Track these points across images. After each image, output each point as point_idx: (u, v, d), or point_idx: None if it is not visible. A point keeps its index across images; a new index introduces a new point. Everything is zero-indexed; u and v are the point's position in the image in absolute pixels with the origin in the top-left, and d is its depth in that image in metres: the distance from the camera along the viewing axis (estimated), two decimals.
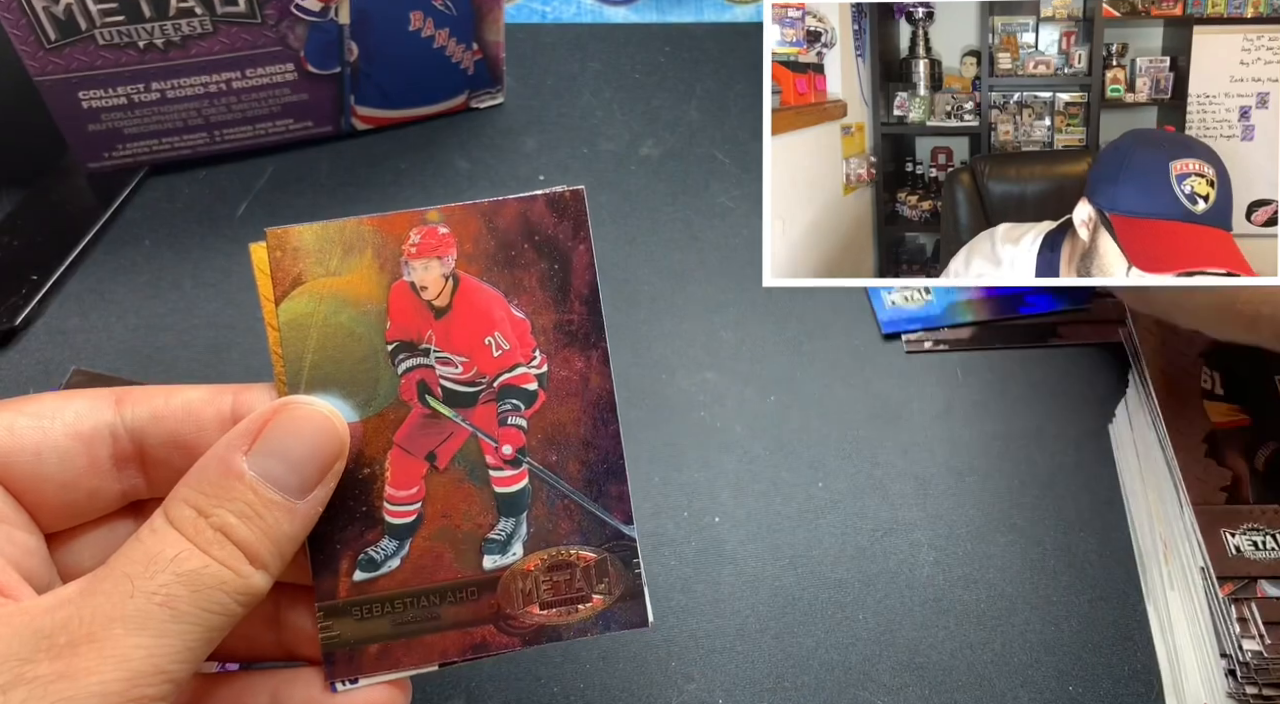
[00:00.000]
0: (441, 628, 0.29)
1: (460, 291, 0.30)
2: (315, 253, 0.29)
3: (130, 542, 0.26)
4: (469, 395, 0.30)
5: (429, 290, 0.30)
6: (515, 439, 0.30)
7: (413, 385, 0.30)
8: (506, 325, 0.30)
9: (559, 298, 0.30)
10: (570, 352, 0.30)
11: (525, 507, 0.30)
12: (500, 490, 0.30)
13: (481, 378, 0.30)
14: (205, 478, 0.26)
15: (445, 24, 0.53)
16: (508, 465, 0.30)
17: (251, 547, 0.26)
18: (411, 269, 0.30)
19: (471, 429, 0.30)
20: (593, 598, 0.30)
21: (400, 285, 0.30)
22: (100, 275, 0.50)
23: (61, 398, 0.28)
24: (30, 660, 0.23)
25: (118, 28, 0.46)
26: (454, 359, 0.30)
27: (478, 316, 0.30)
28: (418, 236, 0.30)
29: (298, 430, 0.27)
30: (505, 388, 0.30)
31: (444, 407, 0.30)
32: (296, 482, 0.27)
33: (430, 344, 0.30)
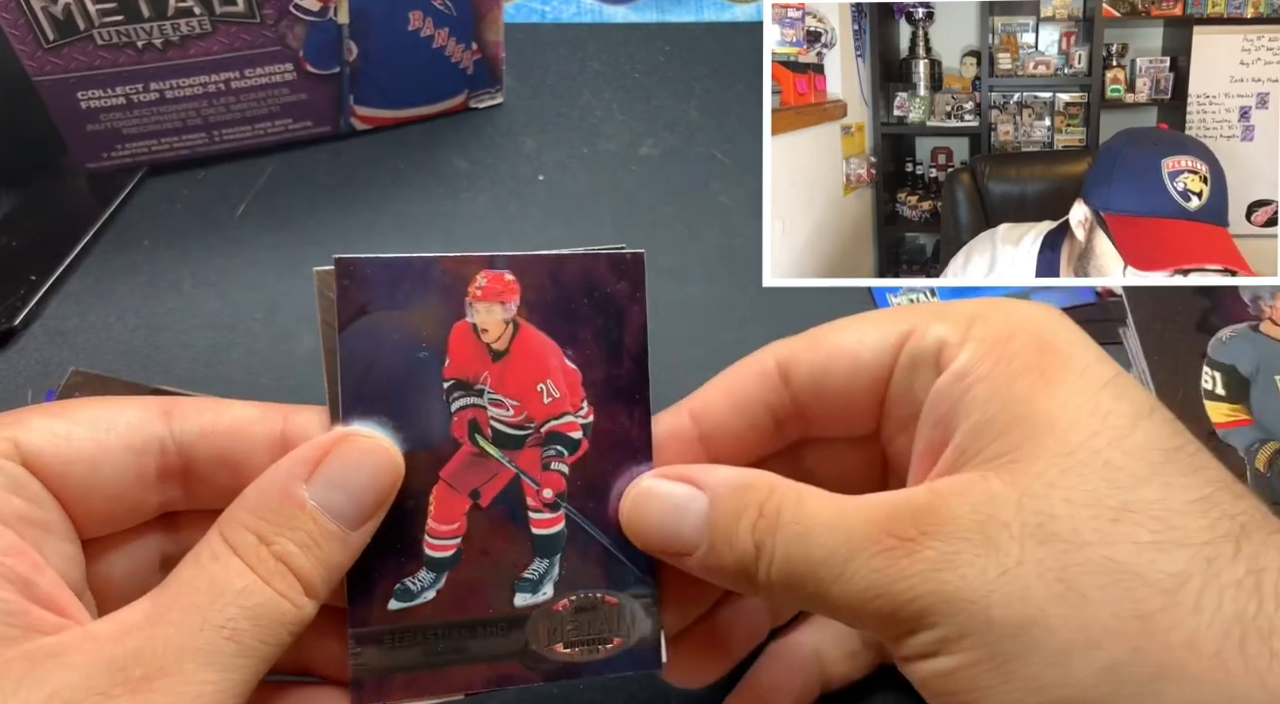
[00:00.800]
0: (469, 660, 0.30)
1: (519, 338, 0.31)
2: (383, 285, 0.30)
3: (191, 566, 0.25)
4: (517, 438, 0.31)
5: (489, 333, 0.30)
6: (557, 484, 0.31)
7: (464, 424, 0.30)
8: (559, 374, 0.31)
9: (611, 354, 0.31)
10: (616, 406, 0.31)
11: (560, 549, 0.30)
12: (538, 532, 0.30)
13: (530, 423, 0.31)
14: (266, 504, 0.26)
15: (445, 24, 0.53)
16: (547, 508, 0.31)
17: (309, 577, 0.26)
18: (475, 311, 0.30)
19: (517, 470, 0.31)
20: (614, 640, 0.31)
21: (462, 325, 0.30)
22: (99, 275, 0.50)
23: (112, 406, 0.28)
24: (108, 694, 0.23)
25: (116, 28, 0.46)
26: (506, 402, 0.31)
27: (533, 363, 0.31)
28: (484, 280, 0.30)
29: (358, 462, 0.27)
30: (552, 434, 0.31)
31: (492, 447, 0.30)
32: (354, 513, 0.27)
33: (485, 385, 0.30)
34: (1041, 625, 0.23)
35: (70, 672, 0.23)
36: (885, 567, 0.25)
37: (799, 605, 0.29)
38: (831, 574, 0.26)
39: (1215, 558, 0.23)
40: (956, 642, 0.24)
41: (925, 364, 0.29)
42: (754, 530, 0.27)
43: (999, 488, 0.25)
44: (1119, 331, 0.49)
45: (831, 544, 0.26)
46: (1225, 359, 0.46)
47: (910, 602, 0.25)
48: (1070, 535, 0.24)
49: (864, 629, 0.27)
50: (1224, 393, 0.44)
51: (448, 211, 0.53)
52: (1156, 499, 0.24)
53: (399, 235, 0.52)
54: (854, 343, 0.30)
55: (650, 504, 0.29)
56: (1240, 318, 0.47)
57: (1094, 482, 0.25)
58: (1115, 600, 0.23)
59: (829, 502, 0.27)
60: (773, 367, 0.31)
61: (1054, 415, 0.26)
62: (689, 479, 0.29)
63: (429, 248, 0.52)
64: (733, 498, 0.28)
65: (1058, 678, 0.23)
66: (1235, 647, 0.22)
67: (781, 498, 0.27)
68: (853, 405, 0.31)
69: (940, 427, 0.28)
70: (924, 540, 0.25)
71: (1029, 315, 0.29)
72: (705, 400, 0.32)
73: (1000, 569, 0.24)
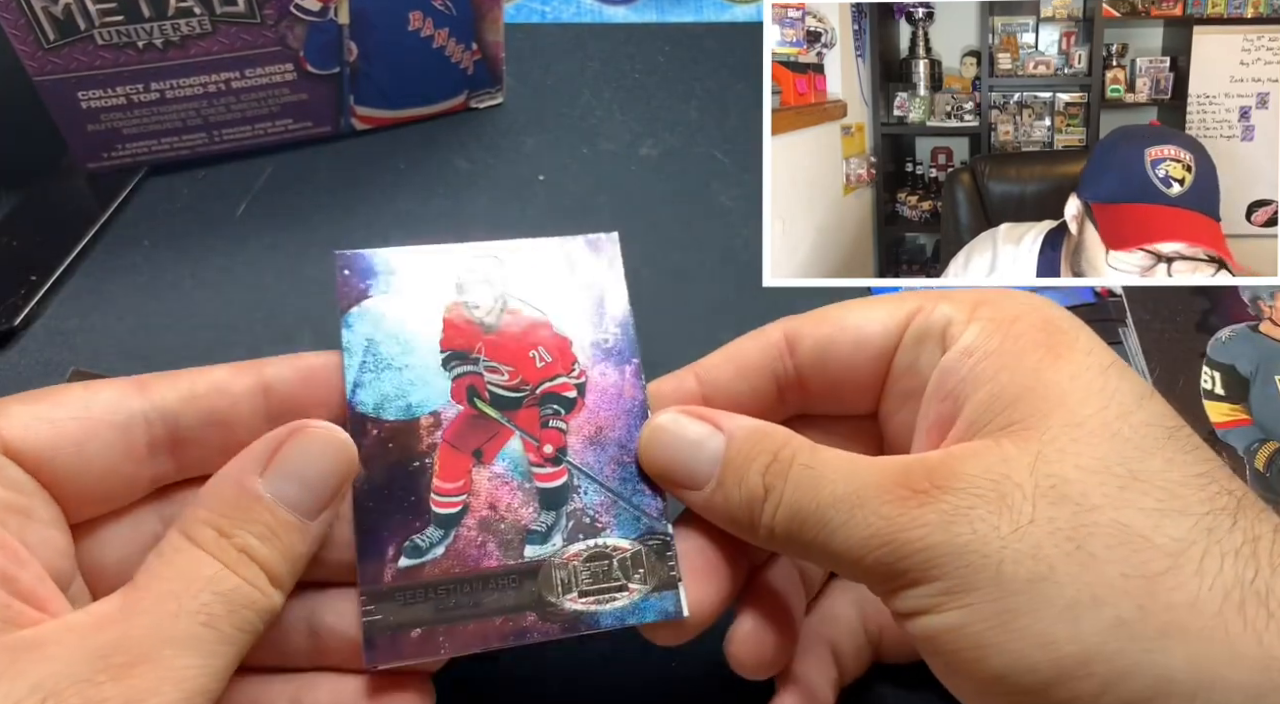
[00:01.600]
0: (483, 615, 0.30)
1: (508, 312, 0.34)
2: (379, 273, 0.33)
3: (155, 560, 0.26)
4: (514, 400, 0.33)
5: (480, 309, 0.33)
6: (556, 439, 0.32)
7: (463, 389, 0.32)
8: (550, 342, 0.33)
9: (596, 322, 0.34)
10: (606, 365, 0.33)
11: (565, 501, 0.32)
12: (542, 485, 0.32)
13: (526, 385, 0.33)
14: (223, 499, 0.26)
15: (445, 24, 0.53)
16: (549, 463, 0.32)
17: (272, 567, 0.26)
18: (465, 291, 0.34)
19: (516, 429, 0.32)
20: (629, 587, 0.31)
21: (455, 305, 0.33)
22: (100, 276, 0.50)
23: (86, 389, 0.28)
24: (92, 682, 0.23)
25: (117, 28, 0.46)
26: (501, 368, 0.33)
27: (523, 333, 0.33)
28: (474, 264, 0.34)
29: (312, 452, 0.27)
30: (547, 395, 0.33)
31: (491, 409, 0.32)
32: (310, 503, 0.27)
33: (480, 355, 0.33)
34: (1051, 582, 0.24)
35: (52, 662, 0.23)
36: (896, 514, 0.25)
37: (797, 552, 0.29)
38: (839, 518, 0.26)
39: (1215, 527, 0.24)
40: (961, 595, 0.24)
41: (931, 340, 0.30)
42: (765, 473, 0.28)
43: (1012, 451, 0.26)
44: (1119, 331, 0.49)
45: (842, 490, 0.26)
46: (1224, 359, 0.46)
47: (918, 552, 0.25)
48: (1080, 498, 0.25)
49: (859, 579, 0.27)
50: (1223, 393, 0.44)
51: (448, 211, 0.53)
52: (1160, 471, 0.25)
53: (399, 235, 0.52)
54: (860, 319, 0.31)
55: (668, 436, 0.30)
56: (1240, 318, 0.47)
57: (1103, 450, 0.25)
58: (1123, 560, 0.24)
59: (842, 455, 0.28)
60: (779, 337, 0.32)
61: (1064, 388, 0.26)
62: (710, 420, 0.30)
63: None
64: (749, 441, 0.29)
65: (1066, 633, 0.23)
66: (1234, 608, 0.23)
67: (797, 447, 0.28)
68: (855, 379, 0.31)
69: (949, 400, 0.28)
70: (937, 493, 0.25)
71: (1033, 302, 0.30)
72: (711, 364, 0.33)
73: (1013, 526, 0.24)
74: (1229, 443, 0.43)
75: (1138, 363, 0.46)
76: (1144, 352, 0.46)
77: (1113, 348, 0.48)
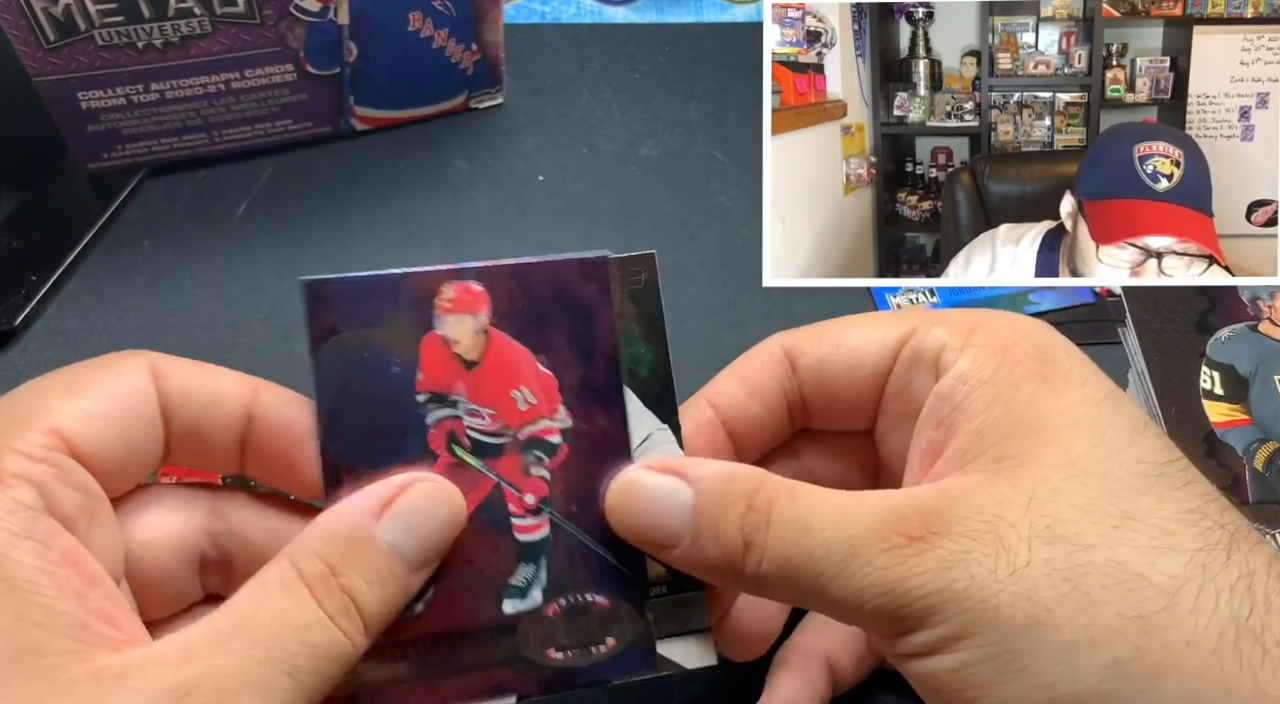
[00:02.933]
0: (461, 670, 0.29)
1: (491, 347, 0.31)
2: (351, 304, 0.30)
3: (258, 592, 0.26)
4: (495, 446, 0.31)
5: (460, 344, 0.31)
6: (539, 489, 0.31)
7: (442, 435, 0.30)
8: (534, 381, 0.31)
9: (584, 357, 0.31)
10: (594, 408, 0.31)
11: (546, 554, 0.30)
12: (522, 538, 0.30)
13: (508, 430, 0.31)
14: (338, 535, 0.26)
15: (444, 24, 0.53)
16: (530, 514, 0.30)
17: (370, 614, 0.26)
18: (444, 323, 0.31)
19: (497, 478, 0.30)
20: (606, 642, 0.30)
21: (432, 338, 0.30)
22: (100, 276, 0.50)
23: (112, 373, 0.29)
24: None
25: (117, 28, 0.46)
26: (482, 411, 0.31)
27: (507, 371, 0.31)
28: (452, 292, 0.31)
29: (427, 505, 0.28)
30: (530, 440, 0.31)
31: (471, 456, 0.30)
32: (419, 556, 0.27)
33: (460, 396, 0.31)
34: (1047, 624, 0.24)
35: (134, 695, 0.23)
36: (893, 564, 0.25)
37: (791, 601, 0.29)
38: (833, 570, 0.26)
39: (1209, 564, 0.24)
40: (960, 640, 0.24)
41: (924, 364, 0.29)
42: (743, 525, 0.27)
43: (1007, 491, 0.25)
44: (1118, 331, 0.49)
45: (834, 541, 0.26)
46: (1224, 359, 0.46)
47: (918, 599, 0.25)
48: (1075, 538, 0.25)
49: (858, 625, 0.27)
50: (1223, 392, 0.44)
51: (448, 212, 0.53)
52: (1153, 509, 0.25)
53: (399, 235, 0.52)
54: (856, 338, 0.31)
55: (634, 495, 0.29)
56: (1239, 318, 0.47)
57: (1096, 491, 0.25)
58: (1118, 600, 0.24)
59: (826, 498, 0.27)
60: (780, 353, 0.32)
61: (1056, 425, 0.26)
62: (674, 471, 0.29)
63: (428, 249, 0.52)
64: (718, 490, 0.28)
65: (1062, 675, 0.23)
66: (1230, 646, 0.23)
67: (772, 492, 0.27)
68: (851, 398, 0.31)
69: (942, 428, 0.28)
70: (933, 539, 0.25)
71: (1029, 328, 0.29)
72: (721, 388, 0.32)
73: (1009, 569, 0.24)
74: (1228, 443, 0.43)
75: (1137, 363, 0.46)
76: (1143, 351, 0.46)
77: (1112, 348, 0.48)
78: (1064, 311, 0.50)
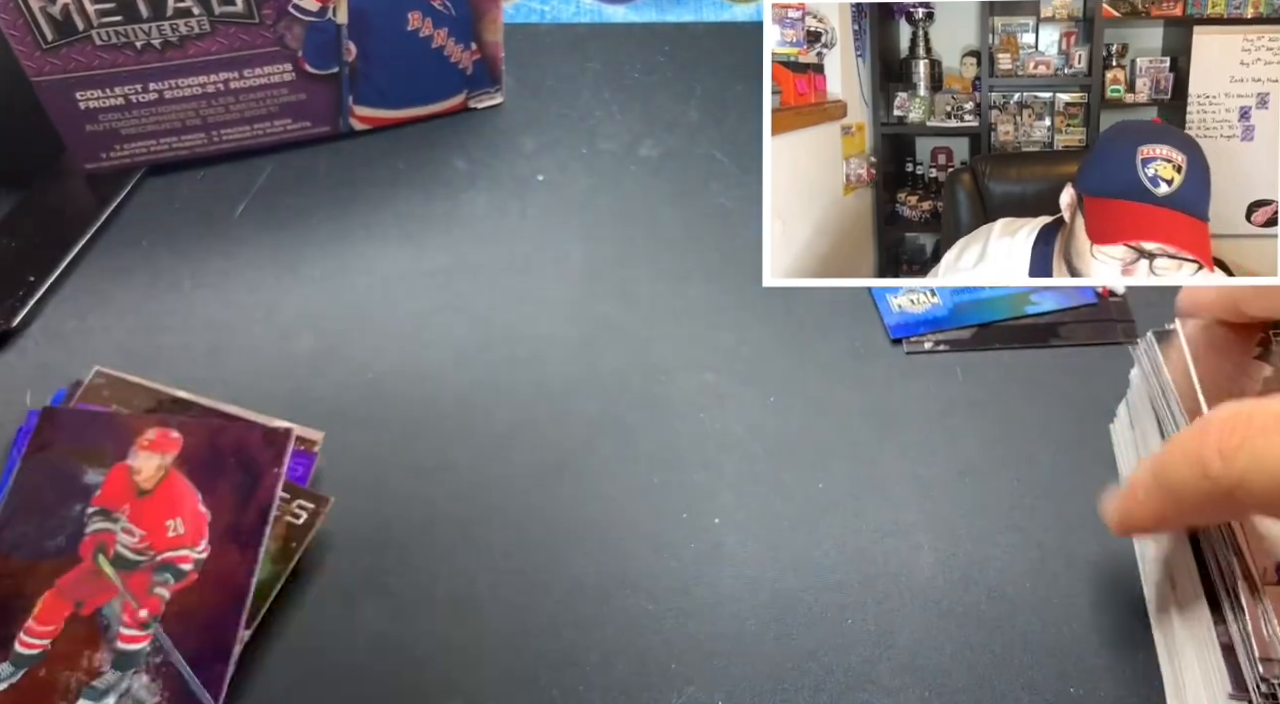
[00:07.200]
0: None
1: (165, 482, 0.38)
2: (74, 429, 0.39)
3: None
4: (134, 562, 0.36)
5: (141, 474, 0.38)
6: (155, 606, 0.35)
7: (93, 543, 0.37)
8: (190, 516, 0.37)
9: (241, 505, 0.37)
10: (231, 549, 0.36)
11: (136, 665, 0.34)
12: (123, 646, 0.35)
13: (151, 551, 0.36)
14: None
15: (444, 24, 0.53)
16: (139, 626, 0.35)
17: None
18: (136, 456, 0.38)
19: (122, 589, 0.36)
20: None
21: (122, 466, 0.38)
22: (98, 276, 0.50)
23: None
24: None
25: (115, 28, 0.46)
26: (135, 531, 0.37)
27: (169, 503, 0.37)
28: (153, 435, 0.39)
29: None
30: (165, 563, 0.36)
31: (108, 565, 0.36)
32: None
33: (123, 515, 0.37)
34: None
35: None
36: None
37: None
38: None
39: None
40: None
41: None
42: None
43: None
44: (1119, 332, 0.49)
45: None
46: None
47: None
48: None
49: None
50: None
51: (447, 211, 0.53)
52: None
53: (398, 235, 0.52)
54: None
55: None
56: None
57: None
58: None
59: None
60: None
61: None
62: None
63: (427, 248, 0.52)
64: None
65: None
66: None
67: None
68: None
69: None
70: None
71: None
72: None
73: None
74: None
75: (1142, 364, 0.46)
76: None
77: (1113, 349, 0.48)
78: (1065, 312, 0.50)
